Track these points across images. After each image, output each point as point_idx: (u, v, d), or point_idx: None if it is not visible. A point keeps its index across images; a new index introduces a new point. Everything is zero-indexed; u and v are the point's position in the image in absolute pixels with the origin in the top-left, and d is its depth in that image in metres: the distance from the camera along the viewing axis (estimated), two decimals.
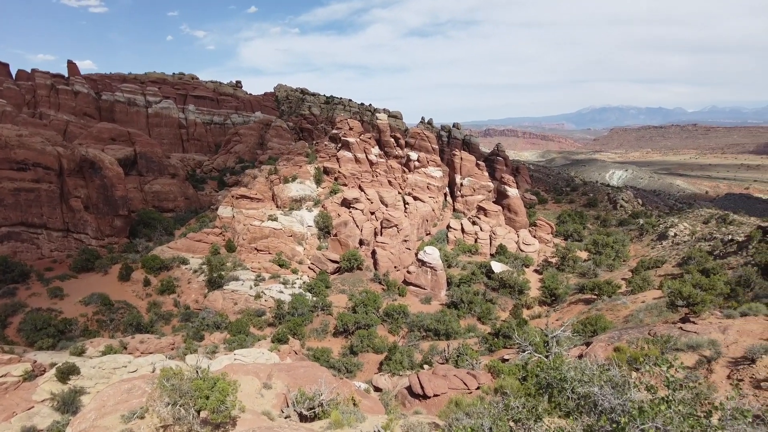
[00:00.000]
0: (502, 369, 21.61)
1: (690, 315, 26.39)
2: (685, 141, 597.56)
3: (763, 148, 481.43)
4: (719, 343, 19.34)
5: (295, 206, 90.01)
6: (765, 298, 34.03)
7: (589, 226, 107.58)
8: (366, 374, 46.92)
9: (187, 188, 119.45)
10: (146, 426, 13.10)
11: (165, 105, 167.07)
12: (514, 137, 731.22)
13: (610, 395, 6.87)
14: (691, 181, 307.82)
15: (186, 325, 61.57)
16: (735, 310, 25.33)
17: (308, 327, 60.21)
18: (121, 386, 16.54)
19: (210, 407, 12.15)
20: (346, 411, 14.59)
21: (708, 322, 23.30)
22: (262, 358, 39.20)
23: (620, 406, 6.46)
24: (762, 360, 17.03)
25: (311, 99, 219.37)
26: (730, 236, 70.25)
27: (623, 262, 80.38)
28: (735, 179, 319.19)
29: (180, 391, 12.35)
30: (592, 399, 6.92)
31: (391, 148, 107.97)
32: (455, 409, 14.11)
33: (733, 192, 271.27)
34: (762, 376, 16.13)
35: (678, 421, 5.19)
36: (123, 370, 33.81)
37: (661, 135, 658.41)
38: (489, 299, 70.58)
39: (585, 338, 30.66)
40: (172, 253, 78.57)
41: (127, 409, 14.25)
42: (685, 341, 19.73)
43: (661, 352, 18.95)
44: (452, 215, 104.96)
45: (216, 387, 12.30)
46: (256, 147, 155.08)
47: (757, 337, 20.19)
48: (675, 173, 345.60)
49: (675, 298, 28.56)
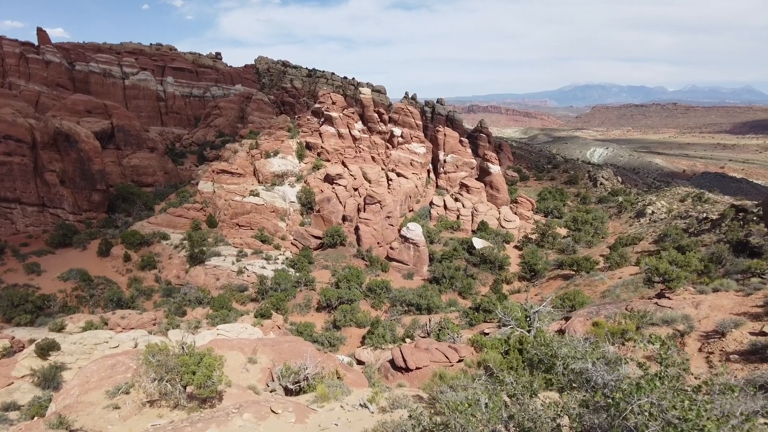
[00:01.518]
0: (485, 343, 22.10)
1: (665, 291, 27.22)
2: (665, 120, 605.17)
3: (739, 128, 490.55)
4: (692, 318, 20.05)
5: (277, 181, 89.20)
6: (735, 275, 35.21)
7: (569, 203, 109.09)
8: (349, 348, 47.52)
9: (167, 162, 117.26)
10: (131, 401, 13.15)
11: (142, 77, 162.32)
12: (497, 114, 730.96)
13: (603, 371, 7.11)
14: (669, 160, 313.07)
15: (168, 300, 61.28)
16: (707, 285, 26.19)
17: (291, 302, 60.46)
18: (105, 362, 16.52)
19: (197, 382, 12.23)
20: (331, 384, 14.83)
21: (682, 297, 24.08)
22: (246, 333, 39.37)
23: (612, 382, 6.69)
24: (731, 334, 17.73)
25: (293, 72, 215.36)
26: (704, 214, 72.04)
27: (602, 238, 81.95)
28: (711, 158, 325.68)
29: (166, 366, 12.38)
30: (585, 375, 7.16)
31: (374, 123, 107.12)
32: (439, 382, 14.45)
33: (709, 171, 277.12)
34: (731, 348, 16.82)
35: (671, 396, 5.42)
36: (104, 346, 33.69)
37: (642, 113, 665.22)
38: (470, 275, 71.59)
39: (564, 313, 31.44)
40: (152, 228, 77.58)
41: (112, 384, 14.26)
42: (661, 316, 20.41)
43: (637, 327, 19.60)
44: (435, 192, 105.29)
45: (203, 362, 12.36)
46: (236, 121, 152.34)
47: (728, 311, 20.96)
48: (654, 152, 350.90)
49: (652, 275, 29.37)
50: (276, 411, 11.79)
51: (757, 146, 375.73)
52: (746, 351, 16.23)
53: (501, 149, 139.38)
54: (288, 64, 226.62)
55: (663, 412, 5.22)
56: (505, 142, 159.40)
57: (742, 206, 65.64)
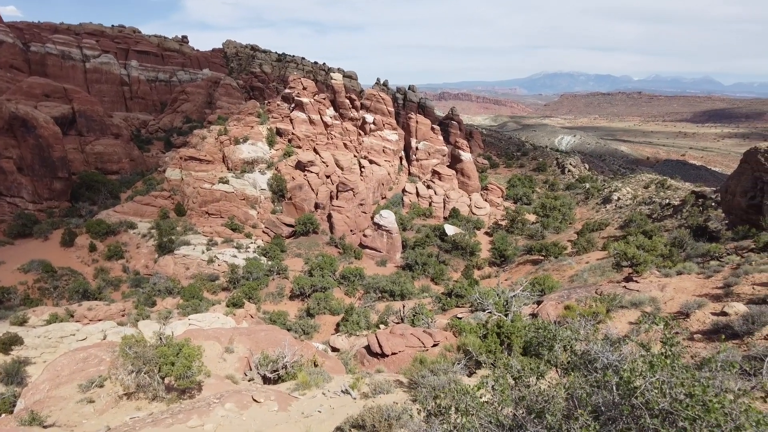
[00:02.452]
0: (464, 327, 22.49)
1: (633, 274, 28.19)
2: (630, 108, 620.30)
3: (699, 117, 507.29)
4: (659, 300, 20.88)
5: (248, 168, 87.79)
6: (696, 258, 36.73)
7: (538, 189, 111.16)
8: (323, 335, 47.59)
9: (132, 149, 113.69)
10: (106, 394, 12.88)
11: (105, 60, 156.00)
12: (468, 101, 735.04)
13: (608, 352, 7.37)
14: (634, 147, 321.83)
15: (136, 290, 59.90)
16: (671, 269, 27.25)
17: (264, 291, 59.98)
18: (76, 355, 16.09)
19: (176, 373, 12.05)
20: (312, 372, 14.86)
21: (648, 281, 25.00)
22: (218, 323, 38.91)
23: (616, 362, 6.95)
24: (695, 314, 18.57)
25: (262, 56, 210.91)
26: (667, 200, 74.61)
27: (569, 224, 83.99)
28: (673, 146, 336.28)
29: (144, 358, 12.15)
30: (589, 356, 7.40)
31: (346, 109, 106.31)
32: (420, 366, 14.68)
33: (671, 158, 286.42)
34: (695, 328, 17.62)
35: (679, 374, 5.69)
36: (71, 339, 32.74)
37: (609, 102, 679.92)
38: (442, 261, 72.45)
39: (535, 297, 32.20)
40: (118, 217, 75.41)
41: (85, 378, 13.92)
42: (629, 299, 21.18)
43: (608, 309, 20.30)
44: (408, 179, 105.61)
45: (182, 353, 12.18)
46: (204, 106, 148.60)
47: (691, 293, 21.90)
48: (620, 139, 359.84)
49: (621, 259, 30.38)
50: (258, 400, 11.76)
51: (715, 135, 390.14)
52: (708, 330, 17.03)
53: (472, 137, 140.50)
54: (257, 49, 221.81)
55: (671, 389, 5.49)
56: (475, 130, 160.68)
57: (701, 193, 68.29)
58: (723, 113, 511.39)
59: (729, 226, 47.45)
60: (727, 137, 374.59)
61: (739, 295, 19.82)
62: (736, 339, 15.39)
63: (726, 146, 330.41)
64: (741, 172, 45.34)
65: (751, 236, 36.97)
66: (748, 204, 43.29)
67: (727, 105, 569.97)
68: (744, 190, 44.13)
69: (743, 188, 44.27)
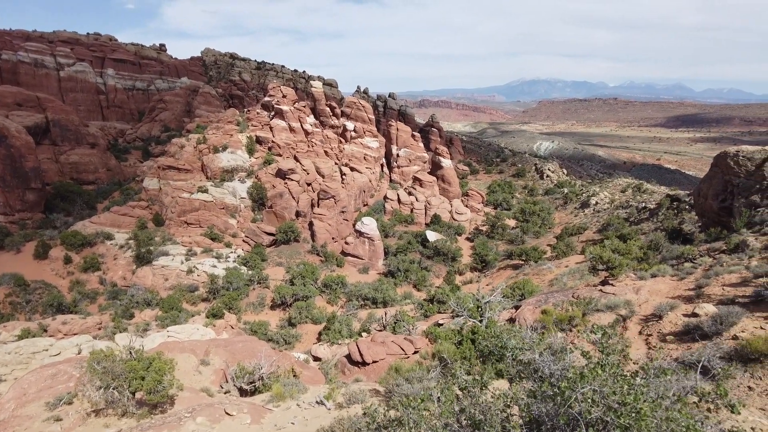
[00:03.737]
0: (439, 334, 22.49)
1: (609, 278, 28.61)
2: (607, 114, 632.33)
3: (672, 122, 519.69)
4: (633, 303, 21.19)
5: (227, 177, 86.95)
6: (671, 260, 37.43)
7: (518, 195, 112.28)
8: (305, 345, 47.18)
9: (109, 159, 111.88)
10: (75, 412, 12.53)
11: (80, 68, 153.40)
12: (447, 108, 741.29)
13: (550, 362, 7.41)
14: (610, 152, 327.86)
15: (114, 303, 58.71)
16: (647, 272, 27.72)
17: (244, 301, 59.30)
18: (44, 372, 15.64)
19: (146, 388, 11.78)
20: (287, 383, 14.68)
21: (624, 284, 25.39)
22: (197, 334, 38.26)
23: (558, 372, 7.00)
24: (667, 316, 18.89)
25: (241, 64, 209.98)
26: (643, 204, 76.03)
27: (549, 229, 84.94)
28: (648, 150, 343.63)
29: (113, 373, 11.85)
30: (533, 365, 7.43)
31: (326, 117, 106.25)
32: (395, 375, 14.59)
33: (647, 162, 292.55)
34: (667, 330, 17.92)
35: (611, 383, 5.74)
36: (44, 354, 31.82)
37: (585, 108, 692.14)
38: (424, 267, 72.56)
39: (514, 302, 32.45)
40: (95, 228, 73.93)
41: (53, 395, 13.53)
42: (605, 302, 21.45)
43: (584, 313, 20.54)
44: (389, 186, 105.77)
45: (152, 367, 11.92)
46: (183, 114, 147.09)
47: (665, 295, 22.29)
48: (597, 144, 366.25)
49: (596, 263, 30.79)
50: (230, 413, 11.56)
51: (688, 139, 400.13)
52: (680, 332, 17.33)
53: (452, 143, 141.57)
54: (236, 57, 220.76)
55: (604, 398, 5.55)
56: (455, 137, 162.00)
57: (676, 196, 69.81)
58: (695, 118, 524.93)
59: (702, 228, 48.51)
60: (699, 141, 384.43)
61: (710, 296, 20.24)
62: (706, 339, 15.70)
63: (699, 150, 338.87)
64: (712, 175, 46.46)
65: (723, 238, 37.83)
66: (720, 206, 44.35)
67: (698, 110, 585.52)
68: (715, 193, 45.21)
69: (714, 191, 45.35)
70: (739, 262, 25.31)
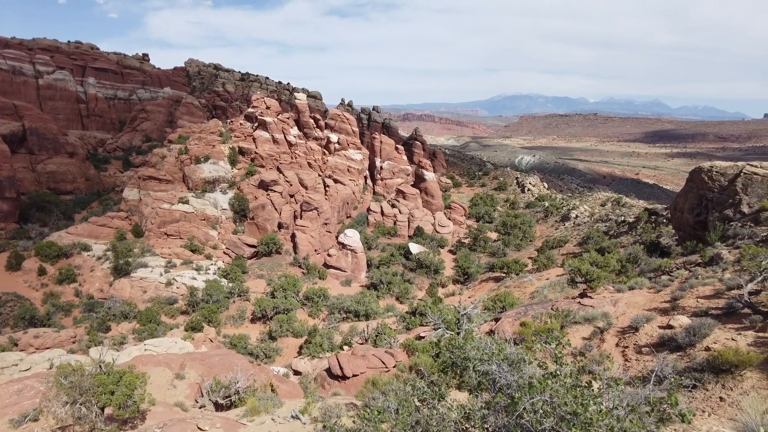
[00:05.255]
0: (417, 347, 22.41)
1: (587, 290, 28.89)
2: (587, 129, 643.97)
3: (650, 138, 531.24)
4: (611, 315, 21.42)
5: (208, 188, 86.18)
6: (649, 273, 38.01)
7: (499, 208, 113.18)
8: (285, 359, 46.56)
9: (88, 168, 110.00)
10: (41, 429, 12.14)
11: (59, 76, 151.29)
12: (431, 122, 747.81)
13: (506, 372, 7.40)
14: (590, 166, 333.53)
15: (89, 315, 57.35)
16: (624, 284, 28.09)
17: (224, 314, 58.42)
18: (10, 387, 15.15)
19: (116, 402, 11.45)
20: (263, 397, 14.43)
21: (602, 296, 25.67)
22: (175, 348, 37.51)
23: (515, 382, 7.00)
24: (644, 328, 19.13)
25: (225, 75, 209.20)
26: (622, 217, 77.27)
27: (530, 242, 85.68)
28: (627, 165, 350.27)
29: (80, 388, 11.50)
30: (491, 376, 7.42)
31: (310, 129, 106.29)
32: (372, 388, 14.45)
33: (626, 177, 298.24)
34: (643, 342, 18.13)
35: (563, 393, 5.75)
36: (13, 369, 30.86)
37: (566, 123, 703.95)
38: (407, 279, 72.50)
39: (495, 314, 32.55)
40: (71, 239, 72.38)
41: (18, 412, 13.09)
42: (583, 315, 21.64)
43: (562, 325, 20.69)
44: (372, 198, 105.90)
45: (122, 381, 11.60)
46: (165, 125, 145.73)
47: (641, 308, 22.58)
48: (577, 159, 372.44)
49: (575, 275, 31.10)
50: (203, 428, 11.30)
51: (665, 154, 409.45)
52: (655, 343, 17.55)
53: (435, 156, 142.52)
54: (220, 68, 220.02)
55: (555, 409, 5.57)
56: (439, 150, 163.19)
57: (654, 210, 71.12)
58: (671, 134, 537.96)
59: (679, 241, 49.39)
60: (676, 157, 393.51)
61: (685, 308, 20.56)
62: (680, 351, 15.92)
63: (676, 165, 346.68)
64: (688, 190, 47.45)
65: (698, 251, 38.55)
66: (695, 220, 45.26)
67: (675, 126, 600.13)
68: (691, 207, 46.15)
69: (690, 205, 46.29)
70: (713, 274, 25.77)
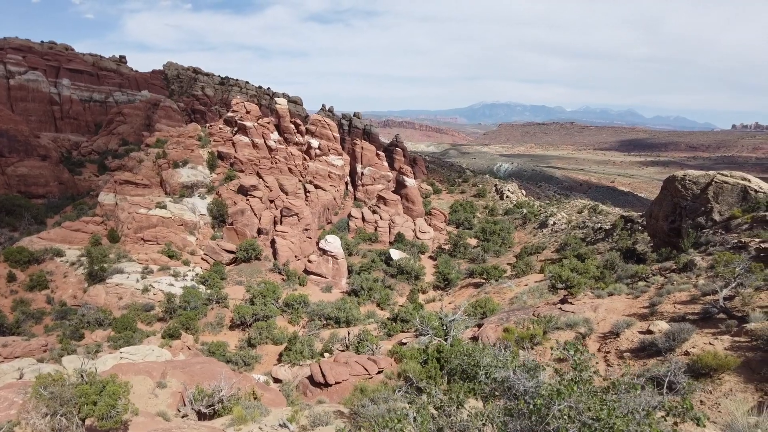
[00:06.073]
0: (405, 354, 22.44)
1: (568, 296, 29.36)
2: (564, 137, 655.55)
3: (625, 146, 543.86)
4: (592, 321, 21.82)
5: (187, 193, 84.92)
6: (626, 279, 38.78)
7: (479, 215, 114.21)
8: (265, 366, 46.05)
9: (62, 172, 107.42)
10: None
11: (32, 77, 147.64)
12: (411, 129, 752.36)
13: (524, 379, 7.49)
14: (567, 174, 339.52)
15: (62, 323, 55.75)
16: (603, 290, 28.63)
17: (202, 321, 57.52)
18: None
19: (98, 413, 11.15)
20: (249, 405, 14.23)
21: (582, 302, 26.12)
22: (153, 355, 36.72)
23: (533, 389, 7.09)
24: (624, 333, 19.54)
25: (205, 79, 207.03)
26: (599, 224, 78.75)
27: (509, 248, 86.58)
28: (603, 173, 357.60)
29: (61, 399, 11.17)
30: (507, 383, 7.49)
31: (291, 134, 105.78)
32: (360, 395, 14.40)
33: (602, 184, 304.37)
34: (624, 347, 18.51)
35: (586, 398, 5.87)
36: None
37: (544, 131, 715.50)
38: (388, 285, 72.48)
39: (477, 320, 32.77)
40: (43, 244, 70.39)
41: None
42: (565, 320, 22.00)
43: (544, 331, 20.97)
44: (353, 204, 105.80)
45: (105, 390, 11.32)
46: (142, 128, 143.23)
47: (621, 313, 23.05)
48: (554, 166, 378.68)
49: (555, 281, 31.56)
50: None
51: (640, 163, 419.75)
52: (636, 348, 17.94)
53: (415, 163, 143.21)
54: (199, 71, 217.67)
55: (579, 414, 5.67)
56: (419, 157, 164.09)
57: (629, 217, 72.69)
58: (645, 143, 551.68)
59: (654, 248, 50.55)
60: (650, 165, 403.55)
61: (663, 313, 21.07)
62: (660, 356, 16.30)
63: (650, 173, 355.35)
64: (662, 198, 48.68)
65: (673, 258, 39.52)
66: (670, 227, 46.41)
67: (648, 136, 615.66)
68: (665, 215, 47.32)
69: (665, 213, 47.48)
70: (688, 280, 26.47)
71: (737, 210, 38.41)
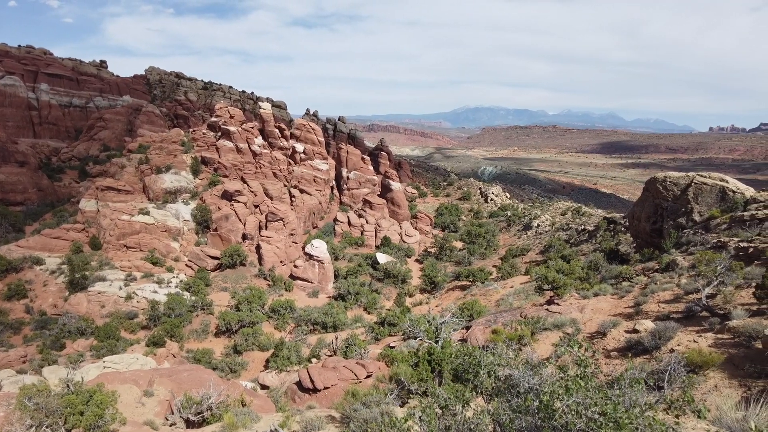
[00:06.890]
0: (396, 357, 22.45)
1: (554, 297, 29.68)
2: (547, 141, 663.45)
3: (607, 149, 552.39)
4: (578, 321, 22.09)
5: (170, 199, 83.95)
6: (610, 280, 39.34)
7: (464, 218, 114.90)
8: (252, 373, 45.57)
9: (41, 178, 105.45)
10: None
11: (8, 82, 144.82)
12: (396, 133, 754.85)
13: (528, 376, 7.58)
14: (550, 177, 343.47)
15: (42, 333, 54.52)
16: (589, 291, 29.00)
17: (187, 328, 56.73)
18: None
19: (85, 424, 10.94)
20: (239, 412, 14.10)
21: (569, 303, 26.43)
22: (137, 364, 36.16)
23: (537, 386, 7.18)
24: (611, 333, 19.82)
25: (187, 84, 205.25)
26: (582, 226, 79.77)
27: (494, 250, 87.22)
28: (586, 175, 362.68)
29: (47, 410, 10.94)
30: (511, 381, 7.58)
31: (275, 138, 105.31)
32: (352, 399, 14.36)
33: (585, 186, 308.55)
34: (611, 347, 18.77)
35: (593, 393, 5.99)
36: None
37: (527, 135, 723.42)
38: (374, 289, 72.39)
39: (464, 322, 32.91)
40: (22, 252, 68.92)
41: None
42: (552, 321, 22.24)
43: (532, 332, 21.17)
44: (339, 208, 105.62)
45: (92, 400, 11.12)
46: (124, 134, 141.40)
47: (607, 313, 23.37)
48: (538, 169, 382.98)
49: (542, 283, 31.88)
50: None
51: (621, 165, 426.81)
52: (623, 348, 18.21)
53: (401, 167, 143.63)
54: (182, 76, 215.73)
55: (586, 409, 5.78)
56: (404, 160, 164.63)
57: (612, 219, 73.78)
58: (626, 145, 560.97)
59: (637, 249, 51.36)
60: (631, 167, 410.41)
61: (648, 312, 21.42)
62: (646, 354, 16.57)
63: (631, 175, 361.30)
64: (644, 199, 49.52)
65: (655, 258, 40.20)
66: (651, 228, 47.21)
67: (629, 138, 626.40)
68: (647, 216, 48.14)
69: (647, 214, 48.29)
70: (671, 280, 26.94)
71: (716, 210, 39.23)
